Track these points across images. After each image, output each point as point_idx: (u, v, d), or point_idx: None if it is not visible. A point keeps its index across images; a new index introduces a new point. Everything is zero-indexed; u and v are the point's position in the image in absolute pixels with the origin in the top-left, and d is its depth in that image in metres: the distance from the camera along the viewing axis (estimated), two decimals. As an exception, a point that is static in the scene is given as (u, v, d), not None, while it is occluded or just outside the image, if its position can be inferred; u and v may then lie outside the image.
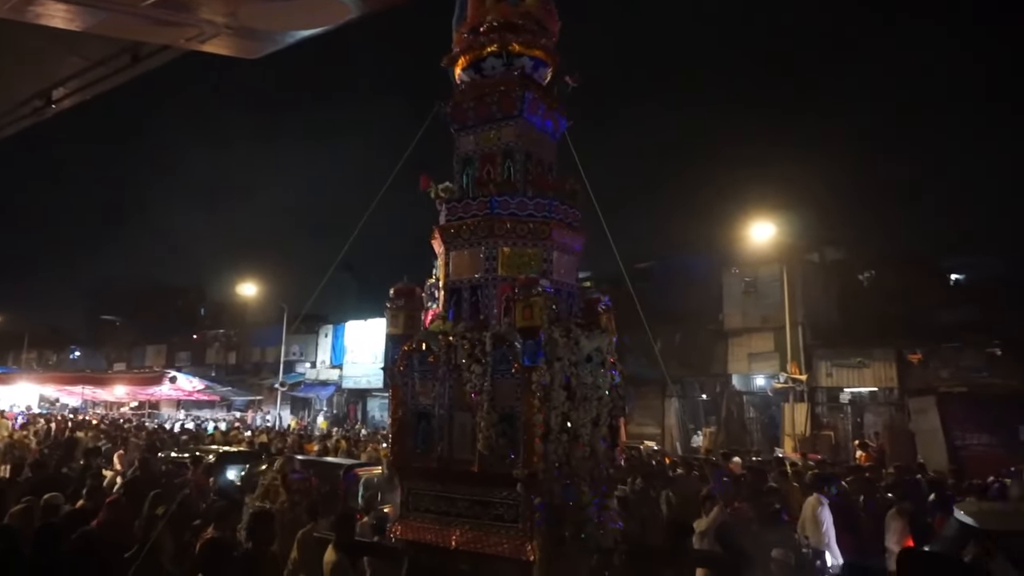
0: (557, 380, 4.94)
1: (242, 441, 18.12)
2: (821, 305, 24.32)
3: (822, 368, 23.36)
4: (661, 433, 24.82)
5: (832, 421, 23.48)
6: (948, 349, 21.52)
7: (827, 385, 23.45)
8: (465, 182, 5.86)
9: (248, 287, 35.86)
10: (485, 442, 4.95)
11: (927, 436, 19.83)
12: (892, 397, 22.24)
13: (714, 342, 25.69)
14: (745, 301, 24.80)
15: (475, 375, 5.05)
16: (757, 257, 23.68)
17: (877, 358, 22.48)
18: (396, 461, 5.60)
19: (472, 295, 5.54)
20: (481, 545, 5.02)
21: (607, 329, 5.54)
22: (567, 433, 5.02)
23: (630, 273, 29.53)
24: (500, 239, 5.46)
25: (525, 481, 4.82)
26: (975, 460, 17.84)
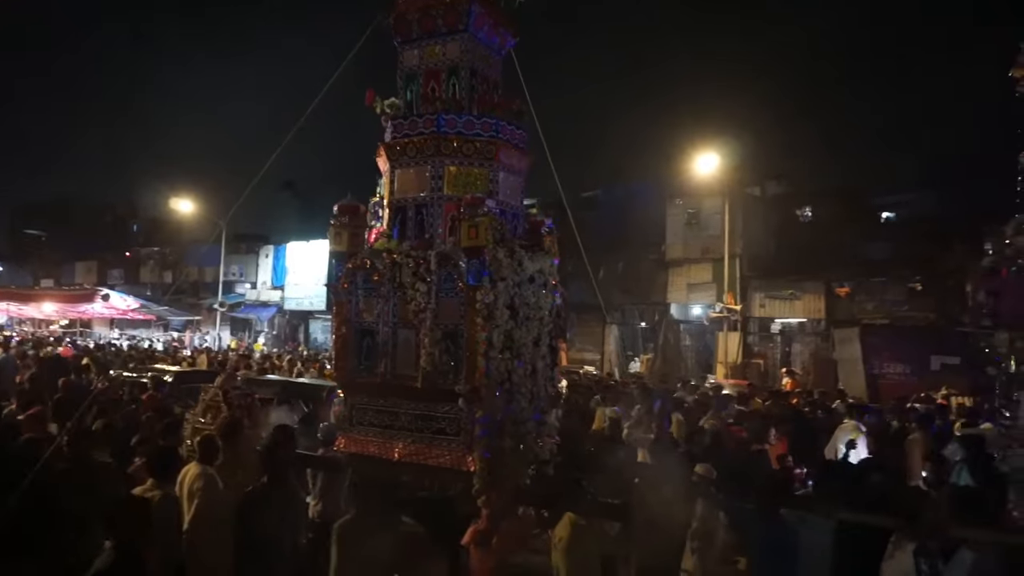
0: (501, 299, 5.02)
1: (183, 361, 17.86)
2: (759, 238, 25.03)
3: (756, 299, 24.26)
4: (601, 359, 25.57)
5: (763, 350, 24.60)
6: (874, 283, 22.59)
7: (760, 315, 24.43)
8: (410, 98, 5.73)
9: (184, 203, 34.58)
10: (428, 359, 5.04)
11: (848, 365, 21.02)
12: (819, 328, 23.35)
13: (655, 271, 26.29)
14: (687, 232, 25.31)
15: (420, 293, 5.09)
16: (700, 189, 24.05)
17: (808, 291, 23.44)
18: (340, 377, 5.66)
19: (417, 214, 5.52)
20: (423, 457, 5.18)
21: (550, 251, 5.62)
22: (509, 351, 5.15)
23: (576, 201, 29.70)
24: (446, 158, 5.41)
25: (467, 396, 4.96)
26: (891, 387, 19.04)
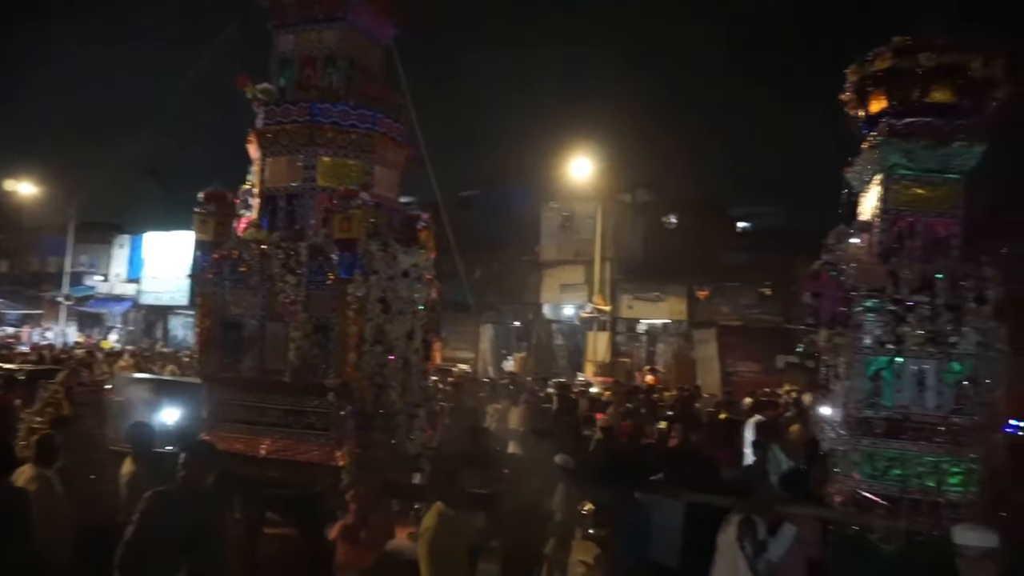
0: (373, 293, 5.02)
1: (17, 358, 16.22)
2: (629, 243, 26.21)
3: (624, 300, 25.37)
4: (475, 357, 25.79)
5: (629, 349, 25.77)
6: (730, 288, 24.30)
7: (627, 316, 25.58)
8: (283, 84, 5.59)
9: (25, 187, 31.43)
10: (298, 352, 4.96)
11: (706, 363, 22.55)
12: (681, 328, 24.78)
13: (529, 272, 26.86)
14: (561, 235, 26.05)
15: (290, 285, 4.99)
16: (575, 194, 24.84)
17: (672, 293, 24.83)
18: (204, 372, 5.44)
19: (289, 204, 5.40)
20: (292, 453, 5.09)
21: (425, 246, 5.68)
22: (381, 345, 5.15)
23: (456, 201, 29.58)
24: (320, 148, 5.33)
25: (337, 390, 4.92)
26: (742, 384, 20.60)
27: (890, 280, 4.55)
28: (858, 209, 5.30)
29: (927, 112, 4.63)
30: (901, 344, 4.57)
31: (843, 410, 4.82)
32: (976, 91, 4.57)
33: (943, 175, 4.68)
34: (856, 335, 4.68)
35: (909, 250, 4.67)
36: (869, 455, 4.69)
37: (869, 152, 4.93)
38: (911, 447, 4.61)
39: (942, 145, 4.59)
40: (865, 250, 4.88)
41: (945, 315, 4.48)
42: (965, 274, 4.47)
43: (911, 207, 4.74)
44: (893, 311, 4.57)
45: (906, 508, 4.49)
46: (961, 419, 4.55)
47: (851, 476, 4.73)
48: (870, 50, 4.73)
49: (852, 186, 5.33)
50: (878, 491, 4.61)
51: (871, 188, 5.04)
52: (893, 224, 4.76)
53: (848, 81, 4.96)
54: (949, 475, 4.57)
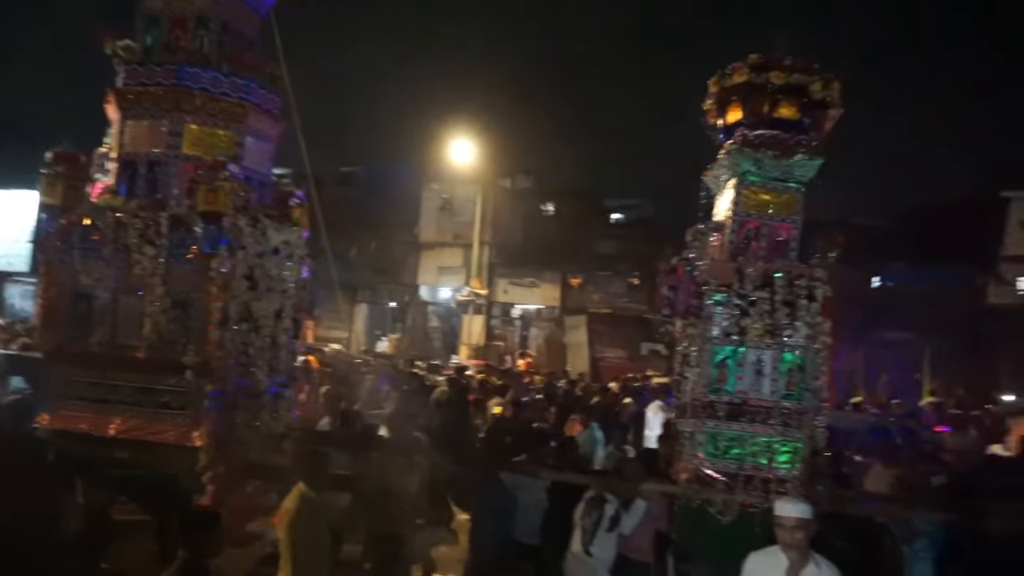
0: (239, 269, 4.86)
1: None
2: (507, 228, 26.60)
3: (501, 285, 25.77)
4: (349, 337, 25.33)
5: (503, 333, 26.24)
6: (601, 276, 25.29)
7: (503, 301, 26.01)
8: (150, 43, 5.26)
9: None
10: (154, 328, 4.73)
11: (576, 349, 23.41)
12: (554, 314, 25.53)
13: (407, 253, 26.66)
14: (440, 217, 26.02)
15: (147, 257, 4.74)
16: (456, 177, 24.86)
17: (546, 280, 25.49)
18: (46, 345, 5.06)
19: (150, 171, 5.11)
20: (144, 433, 4.86)
21: (298, 223, 5.55)
22: (247, 322, 5.01)
23: (335, 176, 28.79)
24: (187, 115, 5.08)
25: (196, 368, 4.74)
26: (609, 369, 21.57)
27: (737, 277, 4.97)
28: (714, 210, 5.72)
29: (775, 125, 5.07)
30: (744, 335, 5.00)
31: (691, 395, 5.22)
32: (816, 110, 5.08)
33: (786, 184, 5.15)
34: (706, 326, 5.08)
35: (754, 250, 5.11)
36: (712, 436, 5.09)
37: (725, 159, 5.34)
38: (748, 428, 5.05)
39: (786, 156, 5.06)
40: (717, 248, 5.29)
41: (782, 310, 4.95)
42: (799, 274, 4.97)
43: (758, 211, 5.19)
44: (738, 305, 4.99)
45: (742, 483, 4.93)
46: (791, 403, 5.05)
47: (696, 455, 5.13)
48: (729, 63, 5.13)
49: (710, 188, 5.75)
50: (719, 468, 5.03)
51: (725, 192, 5.46)
52: (742, 226, 5.20)
53: (709, 92, 5.34)
54: (779, 453, 5.05)
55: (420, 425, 7.41)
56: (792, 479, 4.96)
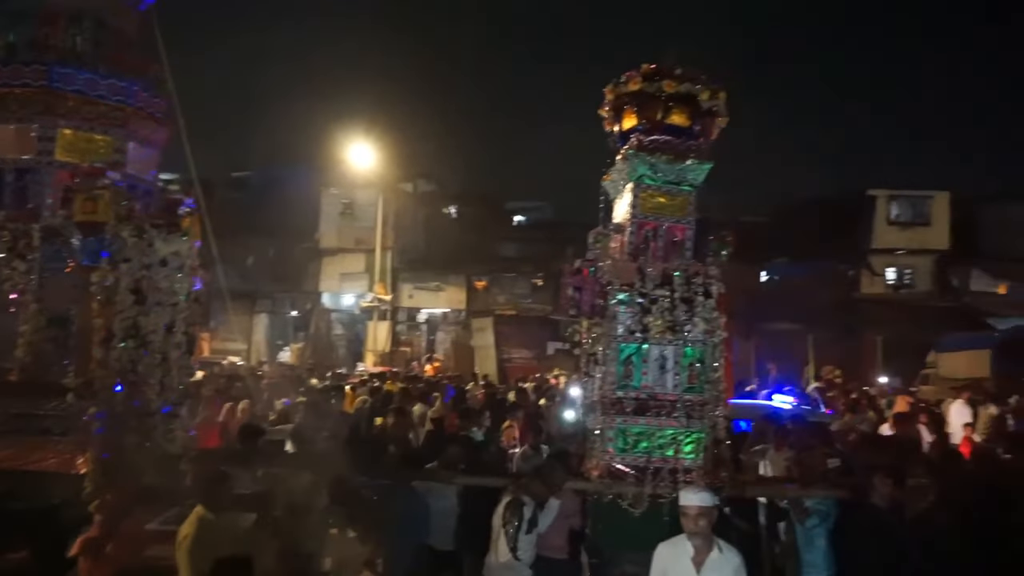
0: (124, 283, 4.56)
1: None
2: (410, 232, 26.35)
3: (405, 290, 25.49)
4: (248, 349, 24.34)
5: (410, 338, 25.97)
6: (506, 278, 25.49)
7: (408, 305, 25.74)
8: (13, 40, 4.85)
9: None
10: (29, 348, 4.37)
11: (483, 350, 23.47)
12: (460, 317, 25.50)
13: (308, 259, 25.93)
14: (341, 222, 25.46)
15: (18, 272, 4.38)
16: (357, 181, 24.39)
17: (452, 283, 25.43)
18: None
19: (19, 179, 4.72)
20: (23, 462, 4.47)
21: (189, 233, 5.27)
22: (135, 339, 4.71)
23: (227, 181, 27.58)
24: (60, 118, 4.72)
25: (78, 390, 4.42)
26: (516, 370, 21.75)
27: (638, 276, 5.13)
28: (613, 212, 5.88)
29: (668, 132, 5.28)
30: (647, 332, 5.17)
31: (600, 392, 5.34)
32: (705, 117, 5.33)
33: (679, 187, 5.38)
34: (611, 325, 5.21)
35: (653, 251, 5.30)
36: (621, 431, 5.23)
37: (622, 163, 5.50)
38: (655, 422, 5.22)
39: (679, 161, 5.29)
40: (618, 250, 5.44)
41: (681, 307, 5.15)
42: (696, 272, 5.18)
43: (655, 213, 5.38)
44: (640, 303, 5.15)
45: (650, 476, 5.08)
46: (693, 396, 5.25)
47: (606, 451, 5.25)
48: (624, 71, 5.30)
49: (609, 192, 5.91)
50: (628, 462, 5.16)
51: (624, 195, 5.63)
52: (641, 228, 5.37)
53: (605, 99, 5.49)
54: (684, 444, 5.24)
55: (328, 436, 7.22)
56: (697, 468, 5.15)
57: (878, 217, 26.03)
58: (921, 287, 26.01)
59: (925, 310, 24.31)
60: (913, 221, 25.97)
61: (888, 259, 26.16)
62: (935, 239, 25.93)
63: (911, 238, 25.91)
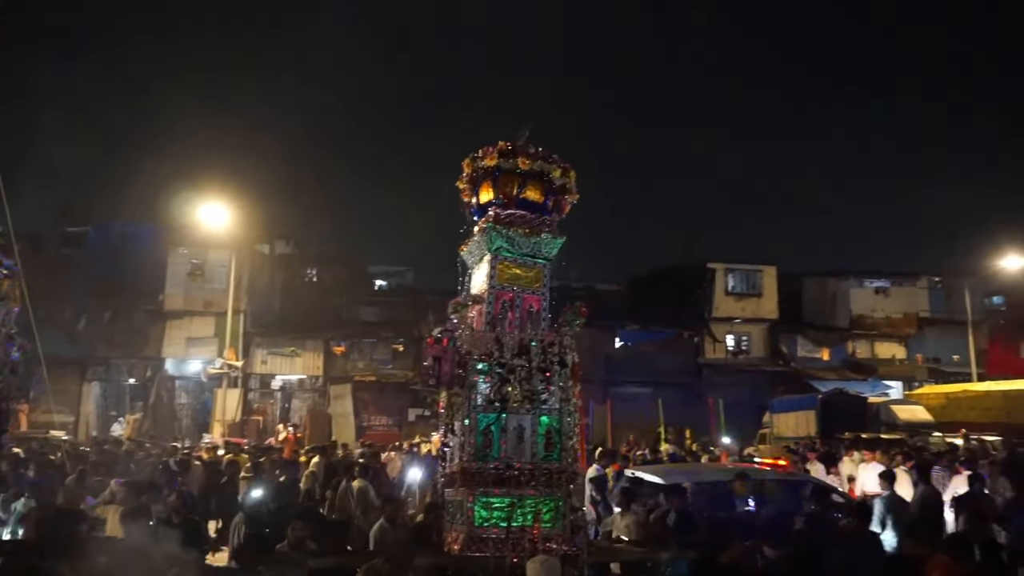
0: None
1: None
2: (265, 295, 25.29)
3: (259, 355, 24.26)
4: (76, 421, 21.98)
5: (263, 406, 24.58)
6: (365, 343, 24.97)
7: (261, 372, 24.46)
8: None
9: None
10: None
11: (342, 418, 22.64)
12: (317, 384, 24.54)
13: (151, 323, 24.09)
14: (190, 283, 24.00)
15: None
16: (208, 240, 23.22)
17: (308, 348, 24.53)
18: None
19: None
20: None
21: (6, 297, 4.79)
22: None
23: (60, 237, 25.49)
24: None
25: None
26: (377, 437, 21.09)
27: (496, 346, 5.25)
28: (471, 282, 6.02)
29: (523, 206, 5.56)
30: (505, 402, 5.27)
31: (459, 463, 5.32)
32: (557, 194, 5.66)
33: (534, 259, 5.63)
34: (470, 394, 5.26)
35: (510, 321, 5.47)
36: (482, 502, 5.22)
37: (480, 235, 5.69)
38: (514, 491, 5.26)
39: (534, 235, 5.56)
40: (477, 319, 5.56)
41: (537, 376, 5.31)
42: (551, 342, 5.39)
43: (511, 284, 5.58)
44: (499, 373, 5.26)
45: (511, 545, 5.08)
46: (550, 464, 5.37)
47: (466, 523, 5.21)
48: (480, 146, 5.55)
49: (467, 262, 6.06)
50: (489, 534, 5.14)
51: (481, 265, 5.80)
52: (498, 298, 5.54)
53: (463, 172, 5.70)
54: (543, 512, 5.32)
55: (157, 518, 6.62)
56: (555, 536, 5.23)
57: (717, 288, 28.27)
58: (756, 353, 28.30)
59: (760, 374, 26.46)
60: (747, 292, 28.44)
61: (727, 327, 28.33)
62: (766, 309, 28.49)
63: (745, 308, 28.31)
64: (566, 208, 5.76)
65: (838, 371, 27.16)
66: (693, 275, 28.51)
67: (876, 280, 29.94)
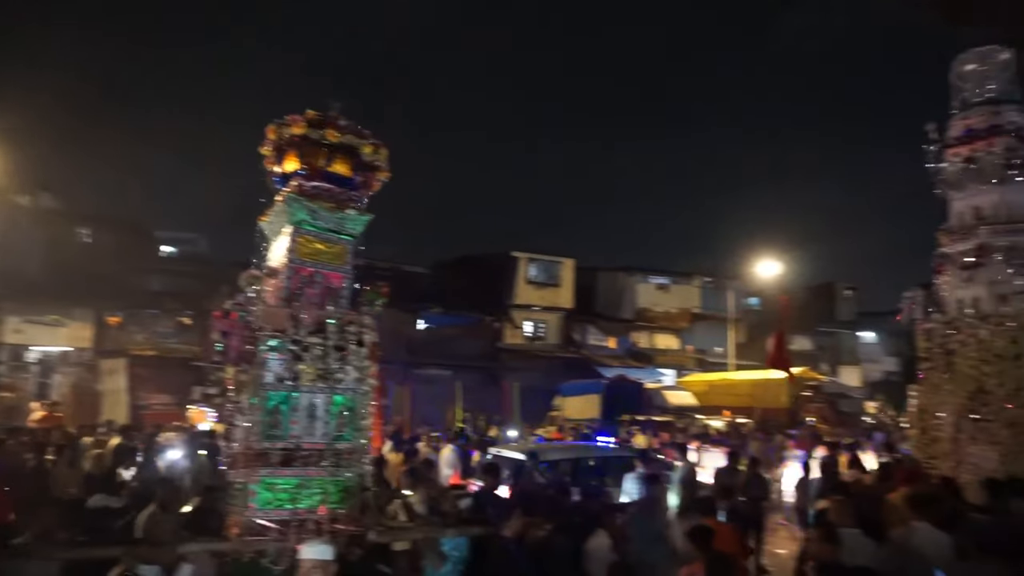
0: None
1: None
2: (23, 254, 22.06)
3: (11, 323, 21.21)
4: None
5: (14, 381, 21.52)
6: (147, 315, 22.75)
7: (14, 342, 21.41)
8: None
9: None
10: None
11: (114, 396, 20.45)
12: (85, 357, 21.97)
13: None
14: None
15: None
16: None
17: (76, 318, 21.87)
18: None
19: None
20: None
21: None
22: None
23: None
24: None
25: None
26: (154, 417, 19.34)
27: (291, 322, 5.04)
28: (270, 254, 5.72)
29: (330, 180, 5.37)
30: (297, 380, 5.08)
31: (243, 443, 5.05)
32: (367, 171, 5.54)
33: (339, 235, 5.46)
34: (259, 372, 5.00)
35: (308, 297, 5.27)
36: (267, 484, 5.00)
37: (281, 206, 5.42)
38: (302, 473, 5.10)
39: (339, 210, 5.39)
40: (272, 294, 5.29)
41: (333, 354, 5.18)
42: (350, 320, 5.28)
43: (312, 259, 5.37)
44: (292, 350, 5.06)
45: (295, 529, 4.92)
46: (341, 444, 5.27)
47: (248, 507, 4.96)
48: (289, 114, 5.27)
49: (267, 233, 5.74)
50: (272, 517, 4.94)
51: (281, 237, 5.53)
52: (297, 272, 5.31)
53: (267, 138, 5.39)
54: (332, 494, 5.21)
55: None
56: (343, 517, 5.15)
57: (519, 276, 29.43)
58: (552, 340, 29.92)
59: (553, 360, 28.00)
60: (547, 282, 29.94)
61: (527, 314, 29.63)
62: (563, 299, 30.20)
63: (544, 297, 29.80)
64: (375, 185, 5.65)
65: (622, 359, 29.55)
66: (498, 263, 29.43)
67: (659, 277, 32.95)
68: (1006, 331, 8.95)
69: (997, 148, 9.48)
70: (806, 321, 35.11)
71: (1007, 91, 9.83)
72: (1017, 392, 8.74)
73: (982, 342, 9.13)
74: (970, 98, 10.00)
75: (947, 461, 9.19)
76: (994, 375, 8.93)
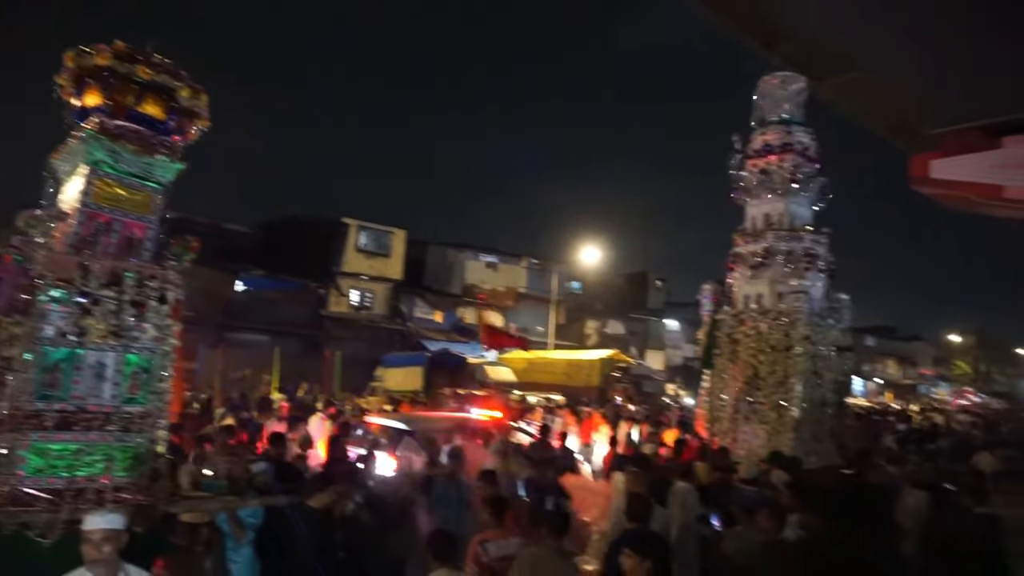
0: None
1: None
2: None
3: None
4: None
5: None
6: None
7: None
8: None
9: None
10: None
11: None
12: None
13: None
14: None
15: None
16: None
17: None
18: None
19: None
20: None
21: None
22: None
23: None
24: None
25: None
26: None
27: (80, 272, 4.56)
28: (60, 196, 5.12)
29: (138, 120, 4.87)
30: (84, 336, 4.61)
31: (11, 404, 4.52)
32: (183, 116, 5.10)
33: (144, 182, 4.98)
34: (36, 325, 4.49)
35: (103, 246, 4.77)
36: (38, 450, 4.53)
37: (77, 143, 4.85)
38: (83, 437, 4.66)
39: (147, 154, 4.90)
40: (59, 240, 4.74)
41: (129, 310, 4.75)
42: (152, 275, 4.86)
43: (111, 205, 4.85)
44: (80, 303, 4.58)
45: (70, 498, 4.50)
46: (133, 407, 4.87)
47: (14, 474, 4.47)
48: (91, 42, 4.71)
49: (58, 172, 5.13)
50: (43, 486, 4.49)
51: (74, 179, 4.96)
52: (91, 219, 4.79)
53: (65, 66, 4.79)
54: (118, 461, 4.81)
55: None
56: (131, 486, 4.79)
57: (349, 244, 28.70)
58: (378, 310, 29.57)
59: (378, 331, 27.72)
60: (377, 252, 29.47)
61: (354, 282, 29.02)
62: (392, 270, 29.91)
63: (373, 266, 29.33)
64: (192, 134, 5.20)
65: (447, 333, 29.91)
66: (327, 228, 28.49)
67: (489, 256, 33.65)
68: (781, 325, 10.24)
69: (787, 163, 10.77)
70: (620, 307, 37.65)
71: (798, 114, 11.18)
72: (785, 380, 10.06)
73: (761, 334, 10.37)
74: (767, 116, 11.26)
75: (726, 438, 10.38)
76: (767, 363, 10.19)
